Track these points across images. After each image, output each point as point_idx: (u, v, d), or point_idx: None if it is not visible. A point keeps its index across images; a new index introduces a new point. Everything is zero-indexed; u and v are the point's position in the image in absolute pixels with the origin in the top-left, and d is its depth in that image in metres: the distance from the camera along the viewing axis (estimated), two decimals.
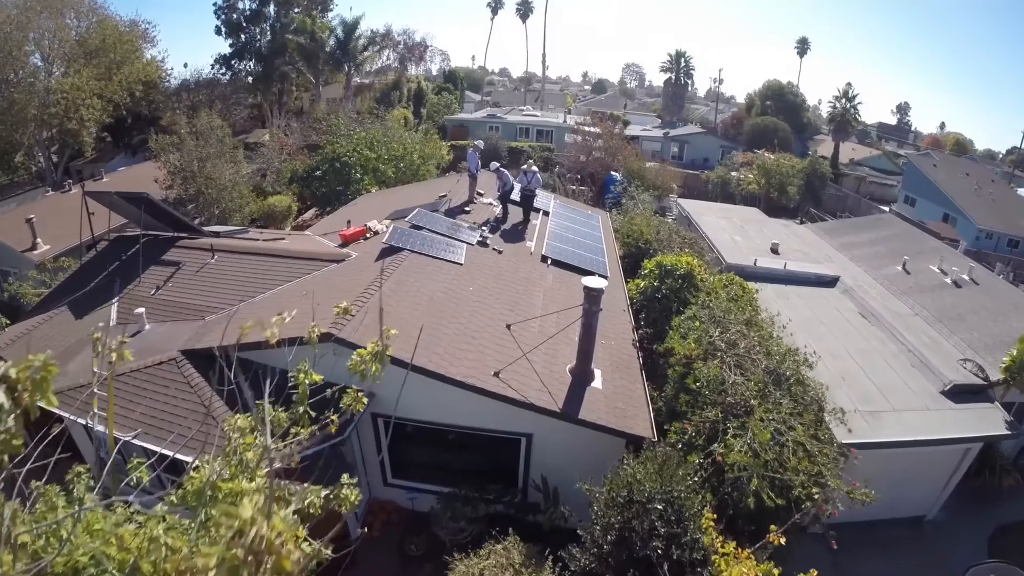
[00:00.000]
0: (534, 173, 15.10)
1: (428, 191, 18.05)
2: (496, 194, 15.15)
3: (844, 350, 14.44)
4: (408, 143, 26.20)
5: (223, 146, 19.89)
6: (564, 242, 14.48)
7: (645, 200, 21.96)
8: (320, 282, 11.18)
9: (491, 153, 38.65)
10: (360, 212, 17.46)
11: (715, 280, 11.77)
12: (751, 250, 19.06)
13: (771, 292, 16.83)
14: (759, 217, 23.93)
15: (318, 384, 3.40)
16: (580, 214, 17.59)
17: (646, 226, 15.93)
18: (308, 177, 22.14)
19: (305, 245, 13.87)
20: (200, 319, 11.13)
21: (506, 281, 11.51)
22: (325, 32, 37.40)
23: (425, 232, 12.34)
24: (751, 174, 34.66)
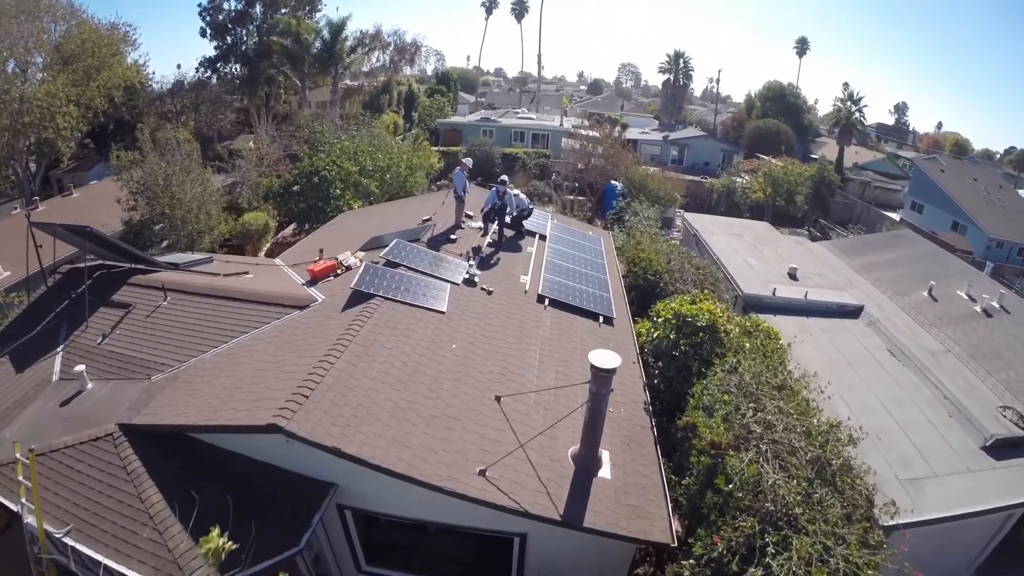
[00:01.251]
0: (515, 195, 13.60)
1: (412, 211, 16.43)
2: (487, 211, 13.50)
3: (877, 400, 12.98)
4: (395, 152, 24.54)
5: (190, 161, 18.19)
6: (563, 274, 12.89)
7: (650, 217, 20.38)
8: (278, 337, 9.55)
9: (484, 161, 36.98)
10: (337, 234, 15.84)
11: (738, 328, 10.19)
12: (768, 275, 17.57)
13: (792, 326, 15.33)
14: (771, 234, 22.40)
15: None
16: (580, 236, 16.00)
17: (655, 254, 14.34)
18: (284, 193, 20.47)
19: (269, 282, 12.23)
20: (146, 378, 9.72)
21: (496, 332, 9.91)
22: (310, 34, 35.65)
23: (402, 271, 10.72)
24: (757, 182, 33.15)
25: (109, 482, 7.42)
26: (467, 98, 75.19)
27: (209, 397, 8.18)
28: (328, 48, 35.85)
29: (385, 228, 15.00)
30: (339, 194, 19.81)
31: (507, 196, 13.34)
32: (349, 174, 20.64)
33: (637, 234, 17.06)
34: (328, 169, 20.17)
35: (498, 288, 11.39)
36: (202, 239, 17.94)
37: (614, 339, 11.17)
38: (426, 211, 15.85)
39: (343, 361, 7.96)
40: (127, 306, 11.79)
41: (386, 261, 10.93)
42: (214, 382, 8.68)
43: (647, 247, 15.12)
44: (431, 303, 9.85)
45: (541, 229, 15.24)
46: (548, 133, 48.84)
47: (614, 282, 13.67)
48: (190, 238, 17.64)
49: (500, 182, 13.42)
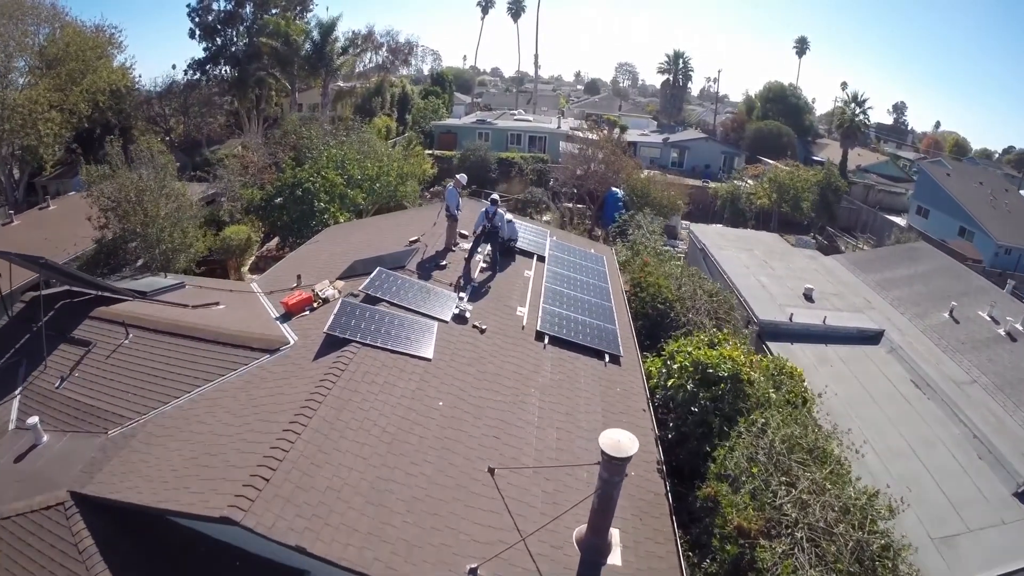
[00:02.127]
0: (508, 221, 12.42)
1: (401, 228, 15.30)
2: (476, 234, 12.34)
3: (904, 442, 12.02)
4: (385, 160, 23.36)
5: (164, 174, 16.98)
6: (564, 303, 11.79)
7: (655, 231, 19.27)
8: (243, 391, 8.45)
9: (479, 166, 35.85)
10: (319, 254, 14.70)
11: (763, 376, 9.13)
12: (782, 297, 16.56)
13: (811, 356, 14.36)
14: (781, 247, 21.38)
15: None
16: (581, 256, 14.89)
17: (664, 279, 13.25)
18: (266, 206, 19.26)
19: (240, 317, 11.11)
20: (103, 432, 8.81)
21: (489, 381, 8.80)
22: (300, 35, 34.34)
23: (384, 307, 9.59)
24: (762, 187, 32.09)
25: (60, 560, 6.73)
26: (463, 99, 73.99)
27: (164, 468, 7.25)
28: (318, 49, 34.59)
29: (371, 247, 13.90)
30: (324, 207, 18.64)
31: (498, 217, 12.23)
32: (335, 186, 19.47)
33: (644, 254, 15.94)
34: (312, 181, 18.97)
35: (492, 324, 10.28)
36: (178, 258, 16.77)
37: (622, 382, 10.09)
38: (416, 228, 14.71)
39: (311, 430, 6.85)
40: (87, 344, 10.85)
41: (365, 296, 9.80)
42: (171, 447, 7.71)
43: (655, 270, 14.02)
44: (415, 348, 8.74)
45: (539, 249, 14.12)
46: (545, 135, 47.70)
47: (620, 310, 12.58)
48: (165, 257, 16.47)
49: (491, 201, 12.26)
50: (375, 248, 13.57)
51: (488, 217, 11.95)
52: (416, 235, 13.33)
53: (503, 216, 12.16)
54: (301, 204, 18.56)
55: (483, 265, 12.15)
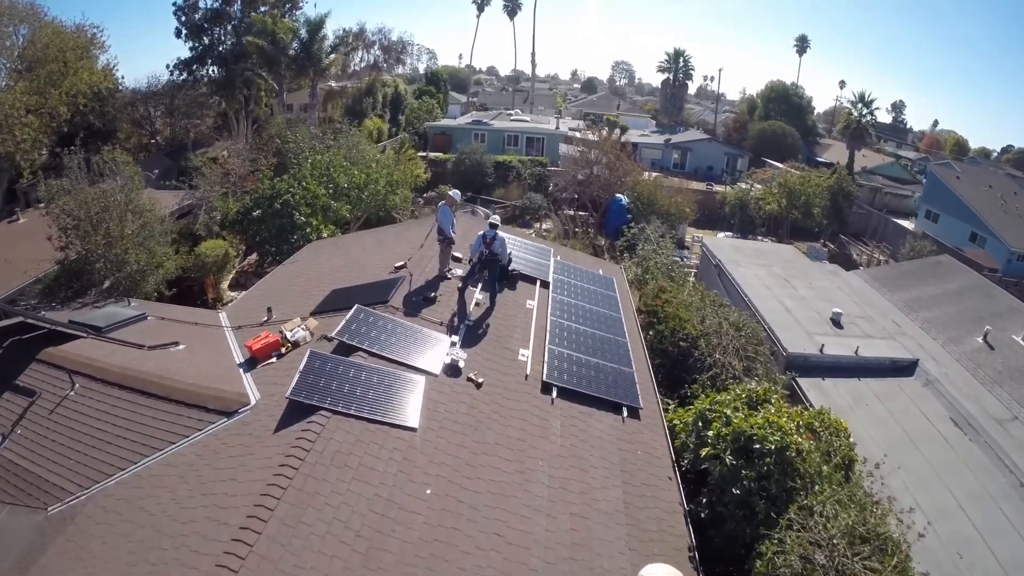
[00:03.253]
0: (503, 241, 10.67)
1: (389, 245, 13.84)
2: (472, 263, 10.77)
3: (950, 494, 10.77)
4: (374, 167, 21.79)
5: (130, 188, 15.43)
6: (573, 341, 10.35)
7: (667, 248, 17.81)
8: (192, 470, 7.02)
9: (475, 170, 34.31)
10: (296, 277, 13.23)
11: (808, 439, 7.72)
12: (809, 322, 15.20)
13: (845, 394, 13.01)
14: (800, 261, 20.02)
15: None
16: (589, 279, 13.44)
17: (685, 311, 11.81)
18: (243, 220, 17.73)
19: (199, 363, 9.65)
20: (44, 507, 7.55)
21: (488, 454, 7.35)
22: (287, 33, 32.71)
23: (361, 358, 8.11)
24: (771, 193, 30.72)
25: None
26: (458, 98, 72.36)
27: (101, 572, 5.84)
28: (305, 48, 32.99)
29: (353, 271, 12.42)
30: (304, 221, 17.09)
31: (497, 243, 10.59)
32: (317, 197, 17.92)
33: (659, 277, 14.49)
34: (292, 192, 17.41)
35: (491, 373, 8.83)
36: (146, 281, 15.24)
37: (643, 442, 8.67)
38: (404, 247, 13.23)
39: (266, 539, 5.40)
40: (31, 393, 9.51)
41: (339, 344, 8.33)
42: (108, 542, 6.52)
43: (673, 296, 12.57)
44: (398, 414, 7.27)
45: (542, 272, 12.67)
46: (544, 136, 46.17)
47: (635, 346, 11.15)
48: (131, 280, 14.94)
49: (490, 225, 10.70)
50: (357, 273, 12.10)
51: (486, 242, 10.44)
52: (403, 258, 11.84)
53: (503, 241, 10.69)
54: (280, 218, 17.02)
55: (479, 297, 10.68)
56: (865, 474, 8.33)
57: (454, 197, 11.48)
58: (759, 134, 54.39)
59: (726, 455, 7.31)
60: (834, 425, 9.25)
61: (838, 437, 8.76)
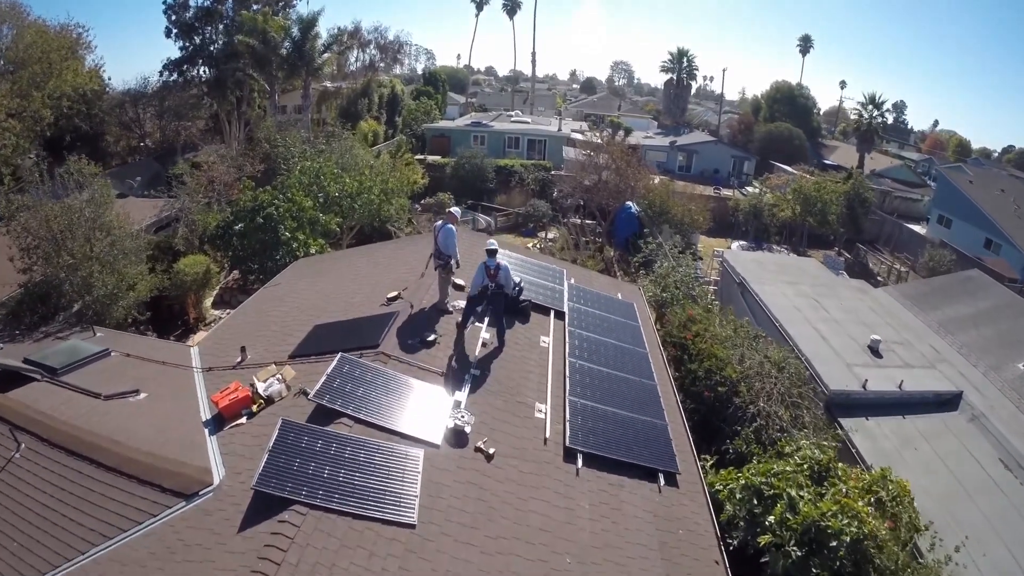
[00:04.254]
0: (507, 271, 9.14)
1: (381, 268, 12.40)
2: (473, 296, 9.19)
3: (1009, 553, 9.41)
4: (367, 175, 20.30)
5: (99, 203, 13.95)
6: (596, 389, 8.93)
7: (688, 265, 16.37)
8: (142, 569, 5.60)
9: (475, 175, 32.82)
10: (276, 307, 11.76)
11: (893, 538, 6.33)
12: (847, 351, 13.83)
13: (891, 435, 11.64)
14: (826, 277, 18.66)
15: None
16: (607, 306, 11.97)
17: (722, 349, 10.39)
18: (224, 234, 16.23)
19: (158, 421, 8.23)
20: None
21: (504, 553, 5.91)
22: (278, 32, 31.18)
23: (345, 427, 6.65)
24: (785, 199, 29.36)
25: None
26: (457, 99, 70.89)
27: None
28: (297, 47, 31.47)
29: (340, 299, 10.95)
30: (289, 237, 15.60)
31: (501, 273, 9.02)
32: (303, 210, 16.42)
33: (682, 299, 13.06)
34: (276, 205, 15.92)
35: (503, 438, 7.39)
36: (116, 306, 13.76)
37: (684, 518, 7.24)
38: (401, 267, 11.80)
39: None
40: None
41: (318, 408, 6.87)
42: None
43: (704, 328, 11.13)
44: (392, 505, 5.81)
45: (556, 300, 11.22)
46: (545, 139, 44.66)
47: (664, 388, 9.73)
48: (100, 304, 13.48)
49: (488, 252, 9.00)
50: (344, 302, 10.65)
51: (490, 274, 8.96)
52: (398, 286, 10.37)
53: (507, 270, 9.23)
54: (262, 232, 15.54)
55: (485, 336, 9.22)
56: (942, 560, 6.96)
57: (455, 214, 9.98)
58: (765, 136, 53.07)
59: (791, 546, 5.90)
60: (899, 490, 7.89)
61: (902, 504, 7.39)
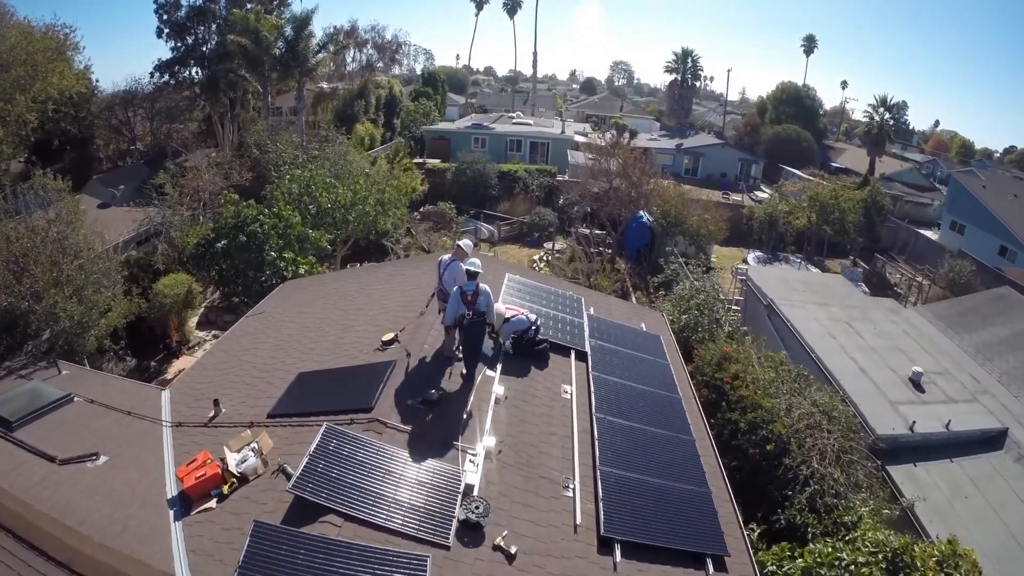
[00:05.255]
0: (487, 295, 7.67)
1: (375, 297, 11.06)
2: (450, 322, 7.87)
3: None
4: (362, 184, 18.94)
5: (66, 221, 12.60)
6: (630, 453, 7.58)
7: (714, 287, 15.07)
8: None
9: (477, 181, 31.46)
10: (257, 344, 10.45)
11: None
12: (888, 385, 12.58)
13: (941, 483, 10.49)
14: (855, 296, 17.42)
15: None
16: (632, 341, 10.55)
17: (766, 397, 9.10)
18: (205, 253, 14.86)
19: (121, 487, 6.94)
20: None
21: None
22: (271, 31, 29.80)
23: (334, 526, 5.30)
24: (800, 207, 28.14)
25: None
26: (456, 99, 69.53)
27: None
28: (290, 47, 30.10)
29: (329, 335, 9.62)
30: (275, 257, 14.24)
31: (481, 299, 7.52)
32: (291, 226, 15.06)
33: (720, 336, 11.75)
34: (260, 221, 14.55)
35: (526, 527, 6.07)
36: (86, 336, 12.43)
37: None
38: (398, 298, 10.50)
39: None
40: None
41: (296, 501, 5.55)
42: None
43: (744, 369, 9.84)
44: None
45: (576, 338, 9.85)
46: (548, 141, 43.28)
47: (703, 442, 8.44)
48: (68, 336, 12.15)
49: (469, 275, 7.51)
50: (333, 342, 9.30)
51: (466, 300, 7.52)
52: (393, 325, 9.03)
53: (488, 296, 7.64)
54: (246, 251, 14.19)
55: (498, 391, 7.84)
56: None
57: (466, 248, 8.60)
58: (773, 138, 51.88)
59: None
60: (970, 567, 6.68)
61: None
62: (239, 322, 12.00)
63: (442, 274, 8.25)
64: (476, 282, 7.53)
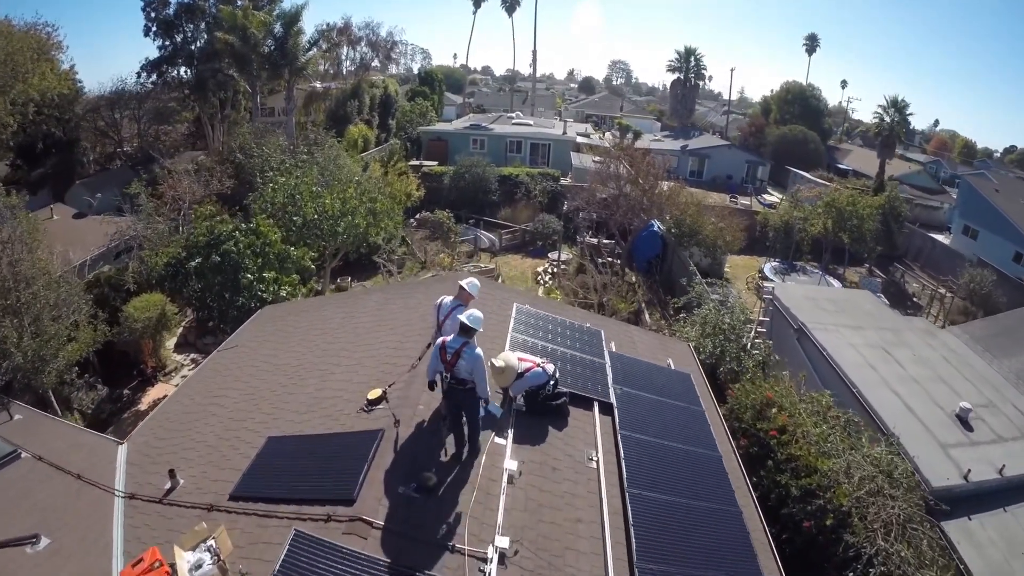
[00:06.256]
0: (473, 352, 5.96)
1: (362, 335, 9.62)
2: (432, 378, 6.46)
3: None
4: (351, 192, 17.48)
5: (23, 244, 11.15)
6: (672, 541, 6.24)
7: (739, 311, 13.71)
8: None
9: (476, 186, 30.02)
10: (227, 386, 9.09)
11: None
12: (936, 425, 11.27)
13: (998, 540, 9.21)
14: (888, 318, 16.05)
15: None
16: (661, 385, 9.13)
17: (820, 459, 7.75)
18: (176, 274, 13.38)
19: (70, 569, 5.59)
20: None
21: None
22: (259, 28, 28.34)
23: None
24: (816, 212, 26.85)
25: None
26: (454, 99, 68.05)
27: None
28: (280, 45, 28.62)
29: (308, 383, 8.21)
30: (251, 281, 12.75)
31: (464, 360, 5.87)
32: (270, 244, 13.60)
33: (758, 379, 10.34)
34: (236, 239, 13.08)
35: None
36: (46, 368, 11.03)
37: None
38: (388, 335, 9.09)
39: None
40: None
41: None
42: None
43: (788, 415, 8.50)
44: None
45: (599, 385, 8.34)
46: (550, 143, 41.80)
47: (748, 511, 7.10)
48: (23, 371, 10.75)
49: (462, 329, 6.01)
50: (311, 396, 7.83)
51: (445, 359, 5.94)
52: (381, 376, 7.60)
53: (475, 359, 5.91)
54: (220, 273, 12.75)
55: (510, 466, 6.42)
56: None
57: (470, 290, 6.99)
58: (780, 140, 50.55)
59: None
60: None
61: None
62: (210, 358, 10.60)
63: (442, 322, 6.85)
64: (469, 339, 5.94)
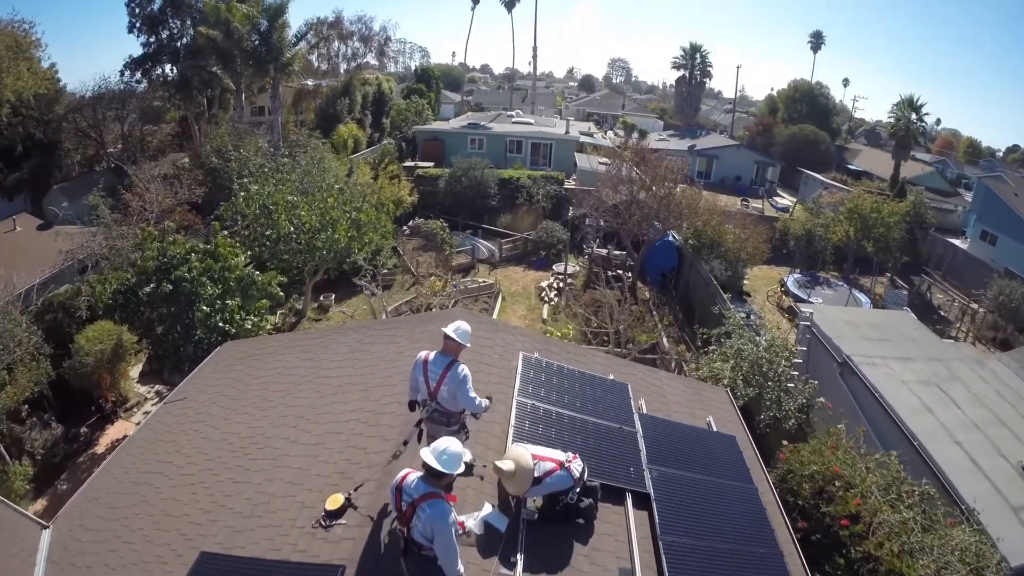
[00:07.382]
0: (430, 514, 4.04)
1: (328, 390, 7.75)
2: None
3: None
4: (332, 201, 15.63)
5: None
6: None
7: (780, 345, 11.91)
8: None
9: (475, 190, 28.15)
10: (175, 451, 7.32)
11: None
12: (1003, 481, 9.66)
13: None
14: (933, 345, 14.21)
15: None
16: (704, 456, 7.25)
17: (908, 563, 5.97)
18: (126, 304, 11.53)
19: None
20: None
21: None
22: (243, 22, 26.48)
23: None
24: (838, 218, 25.14)
25: None
26: (452, 97, 66.15)
27: None
28: (264, 39, 26.78)
29: (260, 467, 6.38)
30: (207, 313, 10.93)
31: (421, 521, 4.02)
32: (231, 269, 11.68)
33: (820, 443, 8.48)
34: (190, 263, 11.19)
35: None
36: None
37: None
38: (358, 394, 7.30)
39: None
40: None
41: None
42: None
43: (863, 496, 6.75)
44: None
45: (630, 469, 6.38)
46: (552, 143, 39.80)
47: None
48: None
49: (433, 468, 4.07)
50: (257, 489, 5.98)
51: (399, 505, 4.20)
52: (347, 479, 5.70)
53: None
54: (174, 303, 10.91)
55: None
56: None
57: (460, 340, 5.20)
58: (789, 140, 48.79)
59: None
60: None
61: None
62: (157, 411, 8.81)
63: (434, 390, 5.06)
64: (436, 489, 4.03)
